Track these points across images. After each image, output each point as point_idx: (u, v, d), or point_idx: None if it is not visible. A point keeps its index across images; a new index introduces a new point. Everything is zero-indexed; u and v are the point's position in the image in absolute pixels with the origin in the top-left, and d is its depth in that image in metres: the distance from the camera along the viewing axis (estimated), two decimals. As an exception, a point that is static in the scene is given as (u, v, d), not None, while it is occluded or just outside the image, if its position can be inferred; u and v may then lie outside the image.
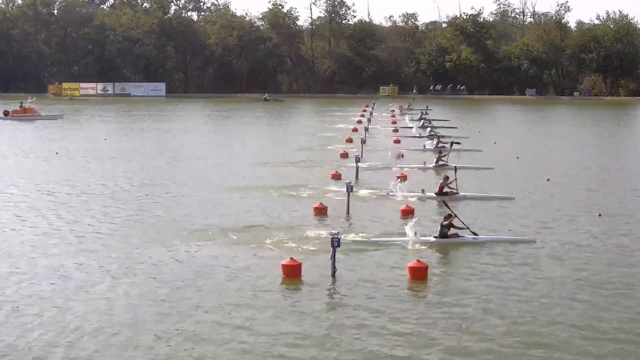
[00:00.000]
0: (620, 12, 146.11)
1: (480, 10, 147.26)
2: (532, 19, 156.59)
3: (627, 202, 30.24)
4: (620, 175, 38.40)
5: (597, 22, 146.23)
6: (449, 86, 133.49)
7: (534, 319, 16.18)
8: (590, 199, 31.06)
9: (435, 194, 31.22)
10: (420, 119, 70.47)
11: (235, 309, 16.60)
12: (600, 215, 27.09)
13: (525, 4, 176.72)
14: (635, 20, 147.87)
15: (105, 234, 23.48)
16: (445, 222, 23.04)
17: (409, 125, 67.10)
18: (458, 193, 31.55)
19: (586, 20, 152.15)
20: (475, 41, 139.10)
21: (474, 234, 23.21)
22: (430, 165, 41.04)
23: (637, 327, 15.85)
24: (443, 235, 22.93)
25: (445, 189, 31.49)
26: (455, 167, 34.17)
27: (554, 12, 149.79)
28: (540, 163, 42.51)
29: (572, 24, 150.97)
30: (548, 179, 35.37)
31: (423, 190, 31.81)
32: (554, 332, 15.49)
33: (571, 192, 32.89)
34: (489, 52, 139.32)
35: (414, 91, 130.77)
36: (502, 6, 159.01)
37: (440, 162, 41.30)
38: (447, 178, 32.01)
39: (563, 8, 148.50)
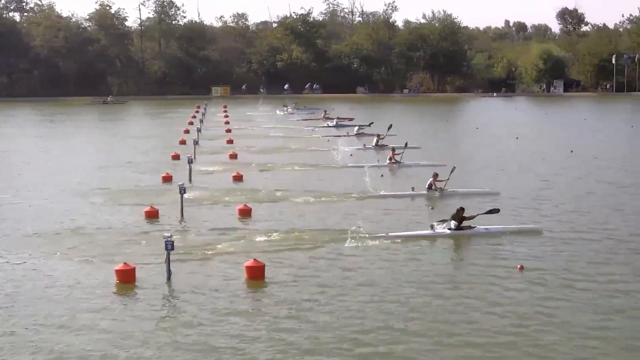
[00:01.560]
0: (444, 11, 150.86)
1: (310, 10, 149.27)
2: (361, 19, 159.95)
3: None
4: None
5: (423, 21, 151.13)
6: (307, 85, 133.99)
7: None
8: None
9: (427, 189, 31.94)
10: (327, 118, 73.07)
11: (68, 316, 16.24)
12: None
13: (354, 3, 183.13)
14: (459, 19, 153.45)
15: None
16: (457, 215, 23.96)
17: (324, 125, 68.72)
18: (443, 190, 31.71)
19: (413, 19, 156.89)
20: (306, 40, 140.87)
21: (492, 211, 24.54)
22: (385, 163, 41.07)
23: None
24: (457, 227, 23.80)
25: (433, 186, 32.05)
26: (454, 166, 33.42)
27: (382, 12, 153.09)
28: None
29: (400, 23, 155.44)
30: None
31: (413, 188, 32.20)
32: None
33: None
34: (320, 51, 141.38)
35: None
36: (331, 6, 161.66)
37: (393, 160, 41.58)
38: (436, 175, 32.32)
39: (390, 7, 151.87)
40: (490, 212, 24.51)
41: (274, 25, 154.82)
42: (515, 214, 27.27)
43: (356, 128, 61.52)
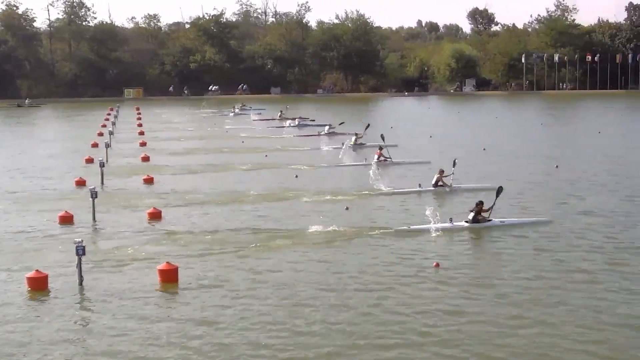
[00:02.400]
0: (357, 11, 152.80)
1: (222, 10, 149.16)
2: (274, 19, 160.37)
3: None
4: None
5: (336, 21, 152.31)
6: (240, 86, 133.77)
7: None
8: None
9: (433, 186, 32.41)
10: (283, 118, 73.71)
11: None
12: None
13: (267, 4, 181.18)
14: (371, 19, 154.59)
15: None
16: (476, 209, 24.84)
17: (285, 125, 68.98)
18: (451, 186, 32.40)
19: (326, 19, 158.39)
20: (219, 41, 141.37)
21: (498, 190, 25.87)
22: (372, 162, 41.21)
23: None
24: (475, 220, 24.69)
25: (440, 183, 32.54)
26: (454, 160, 33.80)
27: (295, 12, 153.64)
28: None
29: (313, 24, 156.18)
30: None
31: (420, 185, 32.55)
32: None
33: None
34: (233, 51, 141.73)
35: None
36: (244, 6, 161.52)
37: (382, 158, 41.70)
38: (442, 172, 32.74)
39: (304, 8, 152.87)
40: (497, 194, 25.77)
41: (187, 26, 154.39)
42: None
43: (327, 127, 61.05)
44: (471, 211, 25.03)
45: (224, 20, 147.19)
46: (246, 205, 29.82)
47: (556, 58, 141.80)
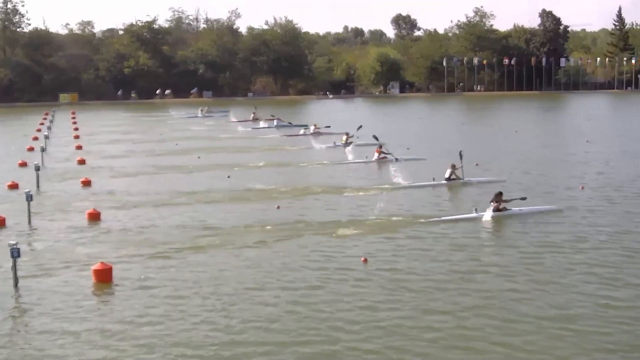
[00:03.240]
0: (286, 18, 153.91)
1: (155, 17, 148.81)
2: (205, 25, 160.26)
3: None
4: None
5: (266, 27, 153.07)
6: (194, 90, 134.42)
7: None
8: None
9: (445, 179, 33.03)
10: (256, 119, 74.88)
11: None
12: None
13: (198, 10, 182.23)
14: (300, 25, 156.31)
15: None
16: (495, 199, 25.86)
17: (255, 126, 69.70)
18: (463, 179, 33.18)
19: (256, 25, 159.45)
20: (152, 47, 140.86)
21: (522, 198, 26.62)
22: (373, 159, 42.04)
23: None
24: (496, 210, 25.64)
25: (452, 176, 33.20)
26: (460, 152, 34.38)
27: (226, 19, 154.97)
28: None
29: (243, 30, 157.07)
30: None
31: (434, 179, 33.13)
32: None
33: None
34: (166, 57, 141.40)
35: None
36: (176, 13, 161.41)
37: (382, 156, 42.16)
38: (454, 166, 33.26)
39: (234, 14, 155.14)
40: (522, 199, 26.61)
41: (120, 32, 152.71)
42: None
43: (312, 127, 61.04)
44: (491, 202, 25.94)
45: (157, 26, 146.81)
46: (188, 206, 29.36)
47: (475, 61, 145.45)
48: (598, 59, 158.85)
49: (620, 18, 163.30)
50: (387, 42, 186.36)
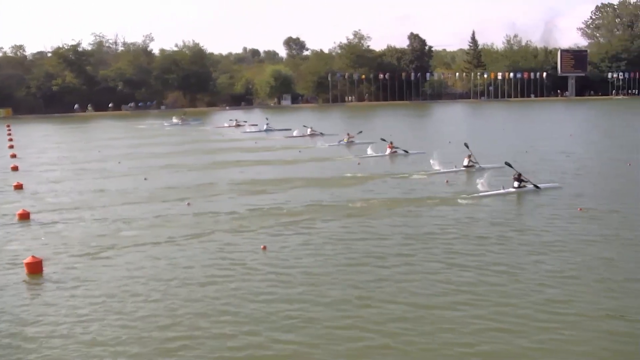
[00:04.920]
0: (193, 41, 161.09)
1: (79, 41, 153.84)
2: (123, 48, 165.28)
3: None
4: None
5: (176, 49, 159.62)
6: (110, 105, 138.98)
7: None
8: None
9: (464, 166, 36.12)
10: (238, 125, 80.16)
11: None
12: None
13: (117, 35, 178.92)
14: (205, 47, 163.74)
15: None
16: (517, 177, 29.37)
17: (249, 130, 72.77)
18: (479, 164, 36.14)
19: (167, 47, 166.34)
20: (77, 67, 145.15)
21: (536, 186, 29.65)
22: (386, 154, 44.67)
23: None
24: (519, 187, 29.17)
25: (469, 163, 36.08)
26: (465, 143, 37.23)
27: (141, 42, 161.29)
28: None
29: (156, 51, 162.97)
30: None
31: (455, 166, 36.15)
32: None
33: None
34: (89, 76, 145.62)
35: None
36: (98, 37, 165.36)
37: (393, 150, 44.89)
38: (470, 155, 36.28)
39: (148, 38, 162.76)
40: (509, 165, 30.47)
41: (49, 54, 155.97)
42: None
43: (308, 130, 63.61)
44: (515, 179, 29.31)
45: (81, 49, 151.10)
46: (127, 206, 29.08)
47: (355, 76, 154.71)
48: (457, 73, 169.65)
49: (473, 40, 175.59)
50: (280, 61, 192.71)
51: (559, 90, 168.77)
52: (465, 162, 36.21)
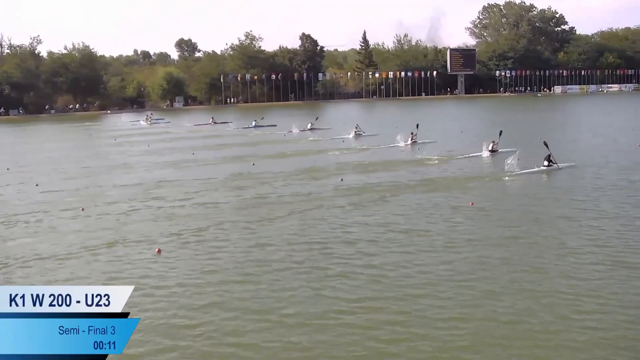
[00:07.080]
0: (83, 43, 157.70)
1: None
2: (9, 51, 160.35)
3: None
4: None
5: (65, 52, 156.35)
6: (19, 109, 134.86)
7: None
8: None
9: (490, 151, 40.05)
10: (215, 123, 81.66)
11: None
12: None
13: (2, 37, 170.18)
14: (95, 49, 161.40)
15: None
16: (547, 157, 33.37)
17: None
18: (498, 151, 40.02)
19: (56, 50, 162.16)
20: None
21: (558, 165, 33.46)
22: (408, 143, 48.12)
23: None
24: (549, 165, 33.28)
25: (495, 148, 40.30)
26: (500, 130, 41.97)
27: (28, 44, 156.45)
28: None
29: (45, 53, 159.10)
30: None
31: (486, 150, 40.02)
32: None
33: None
34: None
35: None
36: None
37: (413, 140, 48.39)
38: (494, 142, 40.59)
39: (36, 40, 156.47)
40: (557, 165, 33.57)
41: None
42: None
43: (309, 125, 65.69)
44: (545, 159, 33.37)
45: None
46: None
47: (247, 77, 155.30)
48: (349, 73, 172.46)
49: (365, 40, 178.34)
50: (172, 63, 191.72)
51: (449, 89, 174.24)
52: (490, 147, 40.57)
